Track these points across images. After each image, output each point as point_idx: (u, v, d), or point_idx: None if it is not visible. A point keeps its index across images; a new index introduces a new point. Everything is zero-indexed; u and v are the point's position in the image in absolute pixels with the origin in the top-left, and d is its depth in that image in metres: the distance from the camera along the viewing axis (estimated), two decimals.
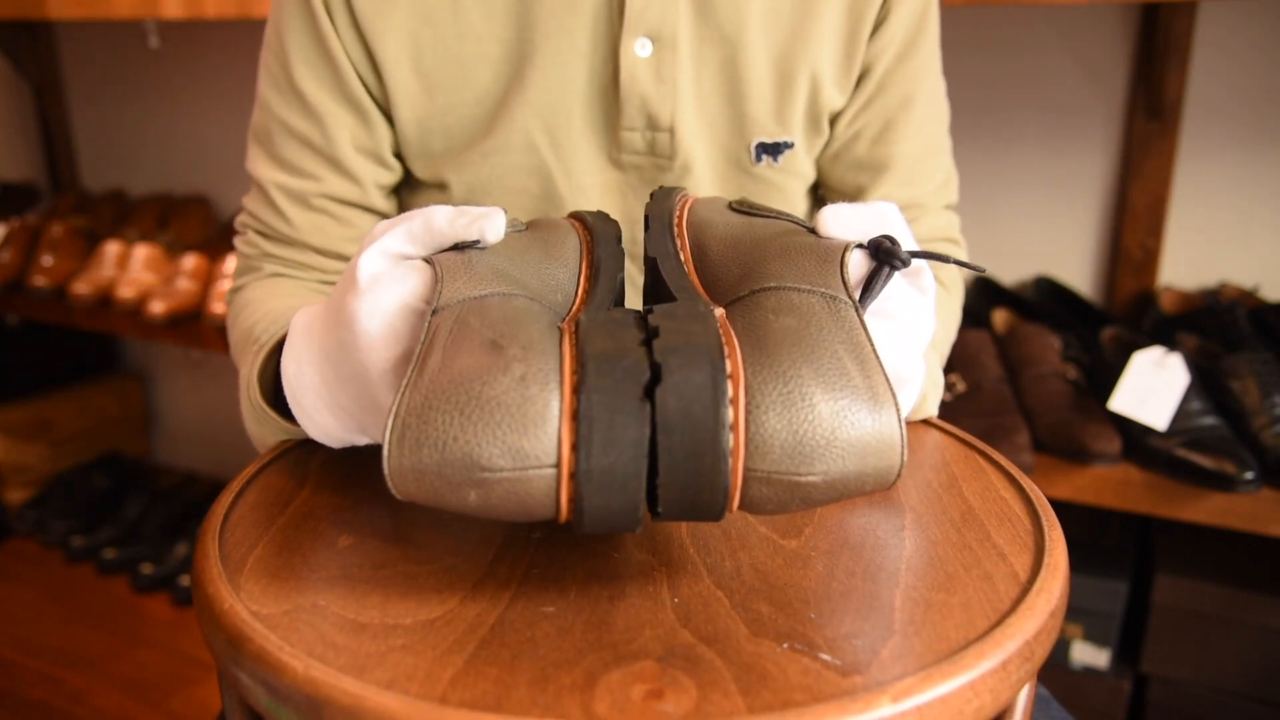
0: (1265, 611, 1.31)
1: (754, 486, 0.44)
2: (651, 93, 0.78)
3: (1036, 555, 0.50)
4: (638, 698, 0.39)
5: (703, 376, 0.42)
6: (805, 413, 0.44)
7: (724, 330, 0.46)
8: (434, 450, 0.43)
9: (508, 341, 0.45)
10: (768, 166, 0.84)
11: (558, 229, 0.59)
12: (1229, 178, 1.49)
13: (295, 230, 0.81)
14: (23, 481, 2.31)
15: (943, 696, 0.39)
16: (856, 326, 0.48)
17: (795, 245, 0.53)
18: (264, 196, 0.82)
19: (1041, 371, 1.36)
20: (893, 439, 0.45)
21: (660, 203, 0.62)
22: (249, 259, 0.84)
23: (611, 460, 0.42)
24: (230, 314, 0.81)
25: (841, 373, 0.45)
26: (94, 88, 2.39)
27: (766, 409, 0.43)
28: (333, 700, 0.39)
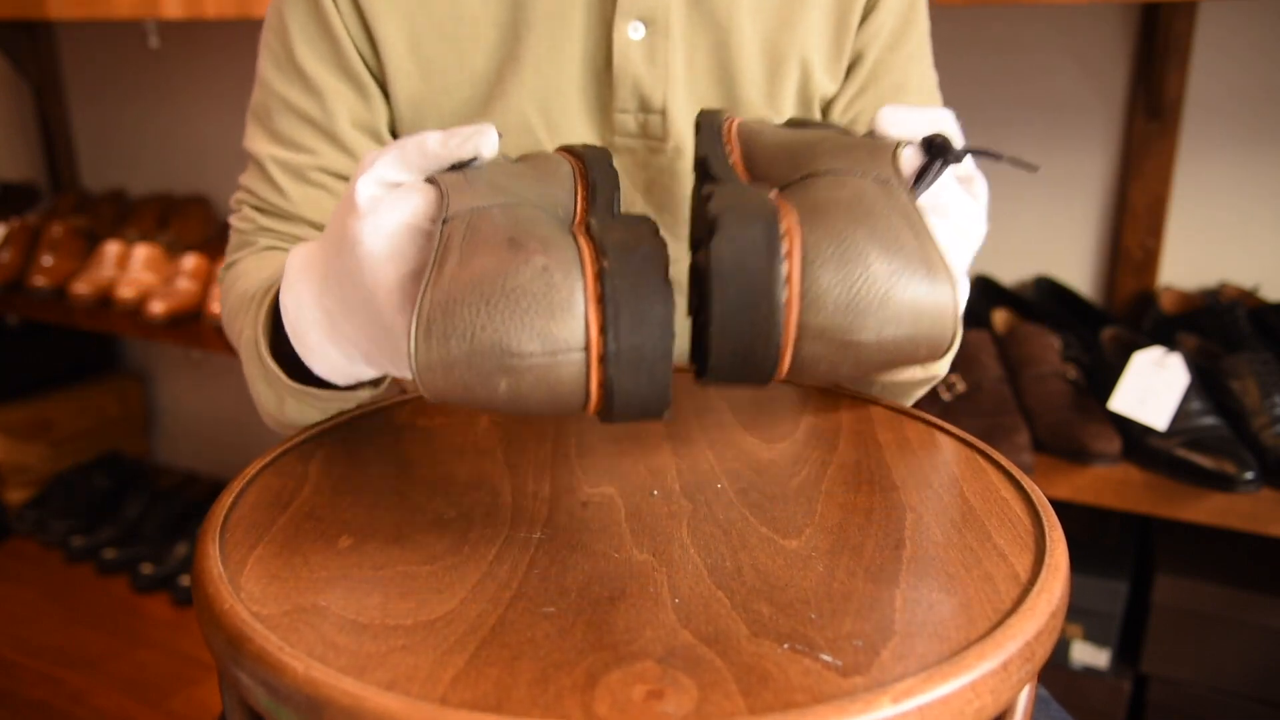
0: (1265, 611, 1.31)
1: (806, 344, 0.44)
2: (644, 75, 0.79)
3: (1037, 556, 0.50)
4: (638, 698, 0.39)
5: (757, 230, 0.42)
6: (860, 270, 0.43)
7: (777, 199, 0.46)
8: (462, 341, 0.43)
9: (525, 238, 0.44)
10: None
11: (549, 158, 0.58)
12: (1229, 178, 1.49)
13: (291, 204, 0.81)
14: (23, 481, 2.31)
15: (943, 697, 0.39)
16: (910, 205, 0.47)
17: (847, 142, 0.53)
18: (260, 172, 0.82)
19: (1041, 371, 1.36)
20: (946, 305, 0.45)
21: (710, 115, 0.63)
22: (243, 234, 0.84)
23: (639, 340, 0.42)
24: (224, 289, 0.81)
25: (896, 238, 0.45)
26: (94, 88, 2.39)
27: (822, 265, 0.43)
28: (333, 701, 0.39)
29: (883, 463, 0.62)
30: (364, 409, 0.71)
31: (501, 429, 0.68)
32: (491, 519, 0.55)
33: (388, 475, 0.61)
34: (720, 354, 0.43)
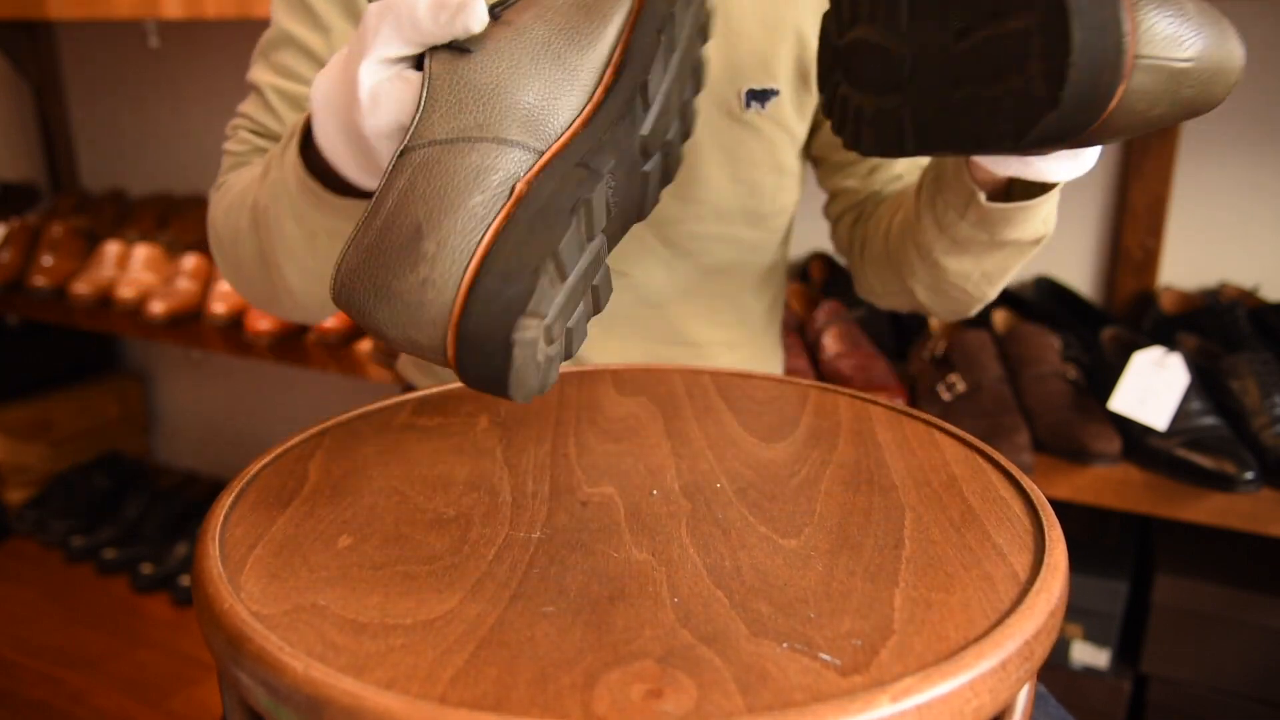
0: (1265, 611, 1.31)
1: (1138, 75, 0.51)
2: None
3: (1036, 555, 0.50)
4: (637, 697, 0.39)
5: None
6: (1178, 8, 0.52)
7: None
8: (356, 311, 0.51)
9: (429, 230, 0.49)
10: (755, 113, 0.88)
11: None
12: (1229, 178, 1.49)
13: (284, 127, 0.85)
14: (23, 481, 2.32)
15: (942, 696, 0.39)
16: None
17: None
18: (260, 100, 0.86)
19: (1041, 371, 1.36)
20: (1237, 45, 0.54)
21: None
22: (238, 155, 0.87)
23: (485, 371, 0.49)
24: (221, 197, 0.82)
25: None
26: (94, 88, 2.40)
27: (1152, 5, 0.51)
28: (333, 700, 0.39)
29: (882, 462, 0.62)
30: (364, 410, 0.71)
31: (501, 429, 0.68)
32: (491, 519, 0.55)
33: (387, 475, 0.61)
34: (1075, 83, 0.51)
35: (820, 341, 1.48)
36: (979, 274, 0.83)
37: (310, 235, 0.69)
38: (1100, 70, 0.51)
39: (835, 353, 1.45)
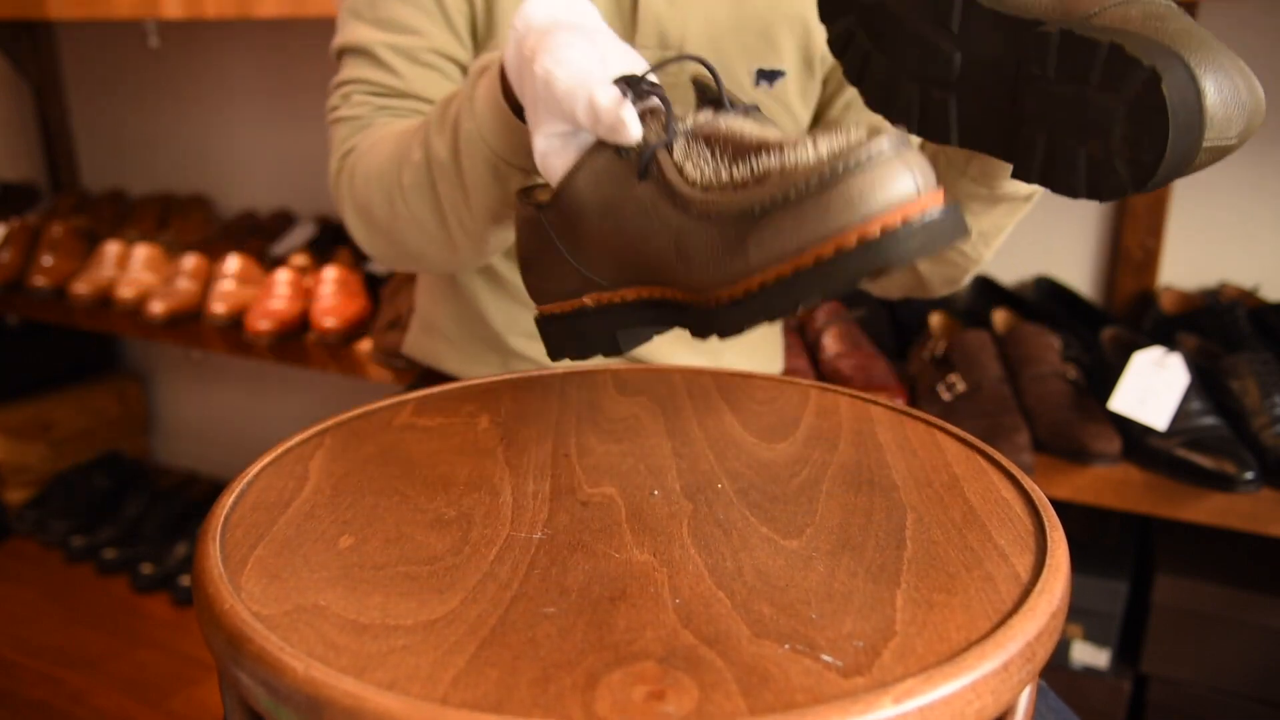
0: (1265, 611, 1.31)
1: (1200, 157, 0.56)
2: (665, 13, 0.87)
3: (1038, 556, 0.50)
4: (639, 699, 0.39)
5: (1182, 71, 0.54)
6: (1234, 93, 0.55)
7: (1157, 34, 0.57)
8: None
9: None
10: (764, 92, 0.92)
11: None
12: (1229, 178, 1.49)
13: (405, 83, 0.86)
14: (23, 481, 2.31)
15: (945, 698, 0.39)
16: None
17: None
18: (370, 59, 0.87)
19: (1041, 371, 1.36)
20: (1262, 100, 0.57)
21: None
22: (359, 119, 0.87)
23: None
24: (356, 163, 0.84)
25: (1227, 56, 0.56)
26: (94, 88, 2.39)
27: (1215, 96, 0.55)
28: (334, 701, 0.39)
29: (883, 463, 0.62)
30: (364, 409, 0.71)
31: (502, 429, 0.68)
32: (492, 519, 0.55)
33: (388, 475, 0.61)
34: (1166, 167, 0.56)
35: (820, 341, 1.48)
36: (975, 233, 0.87)
37: (506, 178, 0.72)
38: (1180, 165, 0.56)
39: (835, 353, 1.45)
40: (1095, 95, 0.58)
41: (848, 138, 0.48)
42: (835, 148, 0.47)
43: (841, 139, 0.48)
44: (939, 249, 0.46)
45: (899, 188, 0.45)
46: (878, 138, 0.46)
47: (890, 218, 0.45)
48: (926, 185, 0.46)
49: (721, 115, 0.56)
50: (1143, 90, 0.56)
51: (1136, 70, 0.55)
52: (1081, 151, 0.61)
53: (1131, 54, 0.55)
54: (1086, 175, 0.61)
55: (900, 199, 0.45)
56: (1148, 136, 0.56)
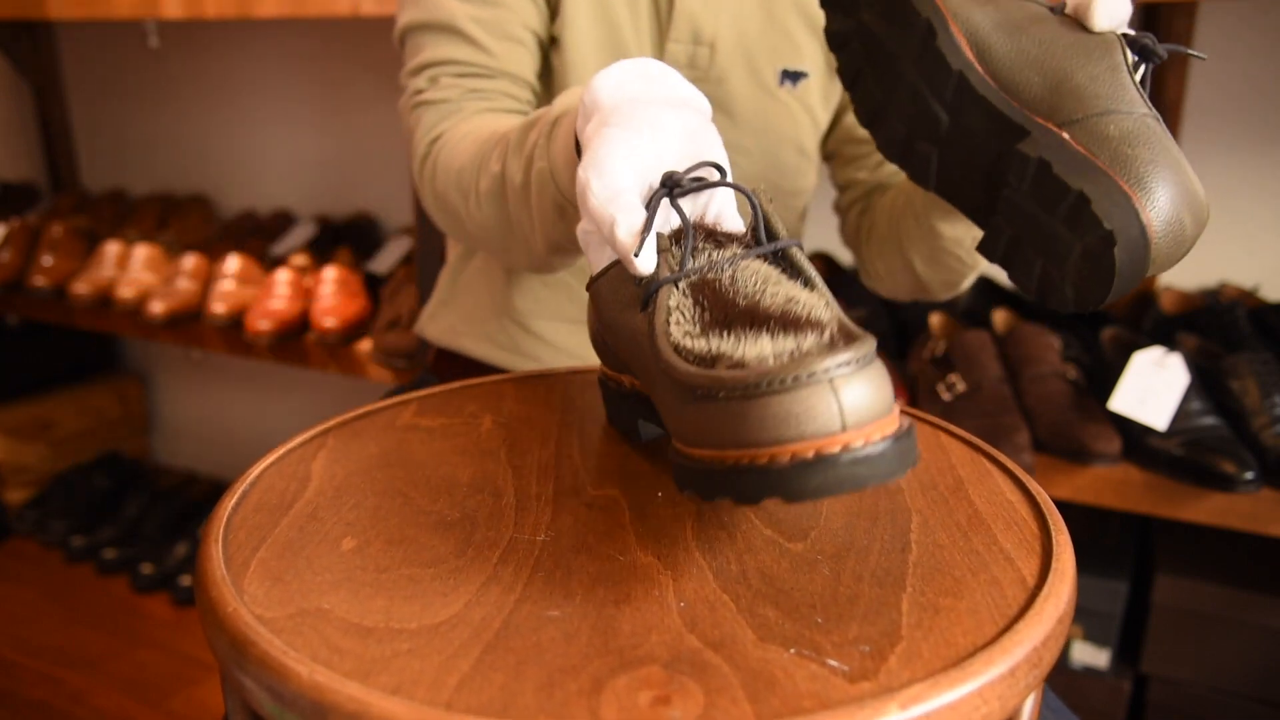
0: (1265, 611, 1.31)
1: (1152, 270, 0.61)
2: (699, 10, 0.89)
3: (1044, 560, 0.50)
4: (644, 704, 0.39)
5: (1137, 232, 0.59)
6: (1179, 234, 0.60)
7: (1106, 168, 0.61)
8: None
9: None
10: (788, 91, 0.95)
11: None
12: (1229, 178, 1.49)
13: (496, 60, 0.85)
14: (23, 481, 2.31)
15: (951, 704, 0.39)
16: (1163, 130, 0.63)
17: (1080, 53, 0.65)
18: (455, 35, 0.85)
19: (1041, 371, 1.36)
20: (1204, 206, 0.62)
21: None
22: (447, 103, 0.85)
23: None
24: (440, 151, 0.82)
25: (1185, 174, 0.61)
26: (94, 88, 2.39)
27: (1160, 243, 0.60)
28: (338, 706, 0.39)
29: None
30: (366, 409, 0.71)
31: (505, 430, 0.68)
32: (495, 521, 0.55)
33: (391, 476, 0.61)
34: (1114, 296, 0.61)
35: None
36: (970, 239, 0.88)
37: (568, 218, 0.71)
38: (1122, 293, 0.62)
39: None
40: (1058, 227, 0.63)
41: (816, 340, 0.45)
42: (784, 353, 0.45)
43: (809, 341, 0.45)
44: (864, 486, 0.43)
45: (819, 421, 0.42)
46: (836, 352, 0.43)
47: (801, 447, 0.42)
48: (861, 419, 0.43)
49: (739, 262, 0.53)
50: (1098, 245, 0.60)
51: (1096, 228, 0.60)
52: (1038, 263, 0.66)
53: (1095, 212, 0.60)
54: (1039, 284, 0.66)
55: (817, 431, 0.42)
56: (1095, 280, 0.62)
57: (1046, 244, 0.64)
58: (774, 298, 0.50)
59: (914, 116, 0.72)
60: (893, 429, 0.44)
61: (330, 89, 2.09)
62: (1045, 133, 0.64)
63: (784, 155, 0.97)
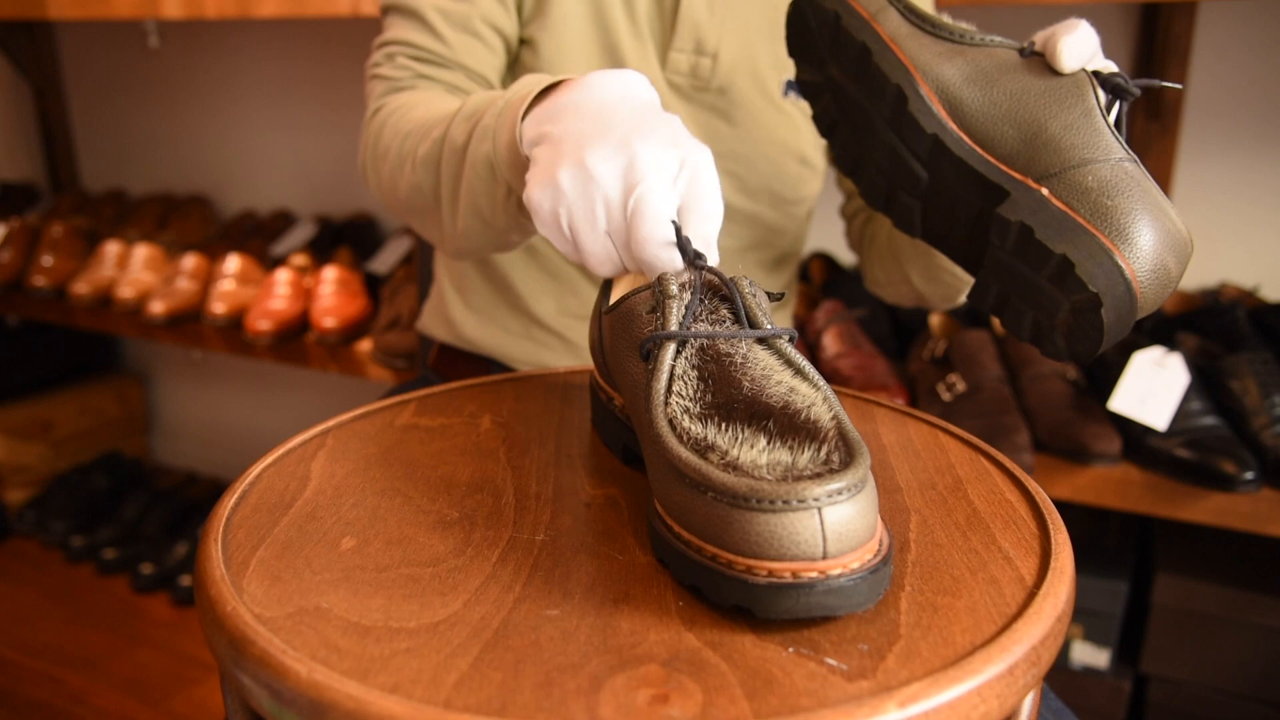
0: (1265, 611, 1.31)
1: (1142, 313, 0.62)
2: (704, 20, 0.90)
3: (1042, 559, 0.50)
4: (643, 702, 0.39)
5: (1118, 278, 0.60)
6: (1164, 279, 0.62)
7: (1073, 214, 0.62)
8: None
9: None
10: (792, 102, 0.95)
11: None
12: (1229, 178, 1.49)
13: (451, 51, 0.87)
14: (23, 481, 2.31)
15: (950, 702, 0.39)
16: (1142, 173, 0.63)
17: (1053, 101, 0.65)
18: (418, 22, 0.87)
19: (1041, 371, 1.36)
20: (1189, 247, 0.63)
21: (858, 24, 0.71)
22: (397, 80, 0.87)
23: None
24: (386, 120, 0.83)
25: (1169, 221, 0.62)
26: (94, 88, 2.39)
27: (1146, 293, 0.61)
28: (337, 704, 0.39)
29: (887, 464, 0.62)
30: (366, 409, 0.71)
31: (504, 429, 0.68)
32: (495, 520, 0.55)
33: (390, 476, 0.61)
34: (1105, 347, 0.62)
35: (820, 341, 1.48)
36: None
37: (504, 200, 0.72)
38: (1114, 342, 0.63)
39: (835, 353, 1.45)
40: (1045, 285, 0.63)
41: (813, 457, 0.45)
42: (778, 466, 0.44)
43: (804, 457, 0.45)
44: (835, 615, 0.43)
45: (801, 546, 0.42)
46: (830, 479, 0.43)
47: (779, 568, 0.43)
48: (844, 548, 0.42)
49: (740, 342, 0.52)
50: (1085, 304, 0.61)
51: (1082, 290, 0.61)
52: (1029, 314, 0.66)
53: (1079, 276, 0.61)
54: (1032, 333, 0.67)
55: (798, 555, 0.42)
56: (1086, 335, 0.63)
57: (1035, 299, 0.65)
58: (777, 386, 0.49)
59: (893, 172, 0.72)
60: (871, 555, 0.44)
61: (330, 89, 2.09)
62: (1025, 192, 0.64)
63: (787, 165, 0.97)
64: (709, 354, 0.51)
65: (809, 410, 0.48)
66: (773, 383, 0.50)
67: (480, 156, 0.71)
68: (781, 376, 0.50)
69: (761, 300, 0.55)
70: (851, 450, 0.45)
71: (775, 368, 0.51)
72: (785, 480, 0.43)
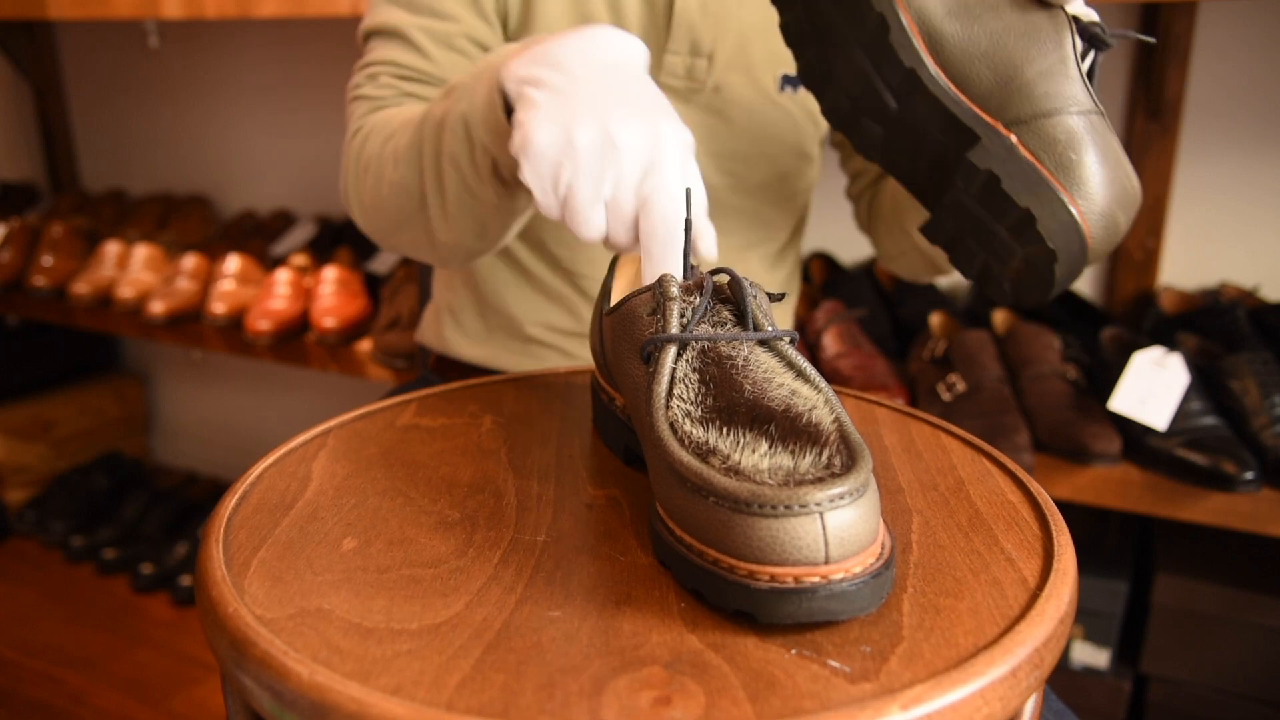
0: (1265, 611, 1.31)
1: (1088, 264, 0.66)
2: (698, 22, 0.89)
3: (1045, 560, 0.50)
4: (645, 704, 0.39)
5: (1078, 245, 0.64)
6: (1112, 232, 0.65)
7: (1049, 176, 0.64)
8: None
9: None
10: (789, 97, 0.94)
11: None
12: (1229, 178, 1.49)
13: (437, 68, 0.86)
14: (23, 481, 2.31)
15: (953, 704, 0.39)
16: (1108, 129, 0.66)
17: (1031, 43, 0.66)
18: (402, 41, 0.87)
19: (1041, 371, 1.36)
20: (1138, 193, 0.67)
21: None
22: (382, 100, 0.87)
23: None
24: (363, 142, 0.84)
25: (1123, 174, 0.65)
26: (94, 88, 2.39)
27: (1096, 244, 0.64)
28: (338, 706, 0.39)
29: (888, 465, 0.62)
30: (367, 409, 0.71)
31: (505, 430, 0.68)
32: (496, 521, 0.55)
33: (391, 476, 0.61)
34: (1050, 299, 0.66)
35: (820, 341, 1.48)
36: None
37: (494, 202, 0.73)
38: (1073, 277, 0.66)
39: (835, 353, 1.45)
40: (1003, 232, 0.65)
41: (814, 460, 0.45)
42: (779, 471, 0.44)
43: (806, 461, 0.45)
44: (837, 620, 0.43)
45: (803, 551, 0.42)
46: (832, 484, 0.42)
47: (781, 573, 0.42)
48: (846, 552, 0.42)
49: (741, 345, 0.52)
50: (1040, 257, 0.63)
51: (1040, 243, 0.63)
52: (980, 256, 0.68)
53: (1039, 231, 0.63)
54: (979, 274, 0.69)
55: (800, 560, 0.42)
56: (1034, 284, 0.65)
57: (990, 244, 0.66)
58: (779, 389, 0.49)
59: (861, 97, 0.71)
60: (873, 560, 0.44)
61: (330, 89, 2.09)
62: (995, 138, 0.65)
63: (784, 160, 0.96)
64: (710, 356, 0.51)
65: (810, 413, 0.47)
66: (774, 385, 0.49)
67: (456, 116, 0.71)
68: (783, 379, 0.50)
69: (763, 301, 0.55)
70: (853, 454, 0.45)
71: (777, 370, 0.51)
72: (787, 485, 0.43)
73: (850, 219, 1.09)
